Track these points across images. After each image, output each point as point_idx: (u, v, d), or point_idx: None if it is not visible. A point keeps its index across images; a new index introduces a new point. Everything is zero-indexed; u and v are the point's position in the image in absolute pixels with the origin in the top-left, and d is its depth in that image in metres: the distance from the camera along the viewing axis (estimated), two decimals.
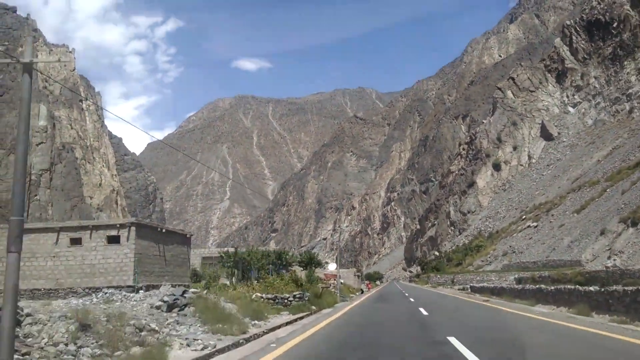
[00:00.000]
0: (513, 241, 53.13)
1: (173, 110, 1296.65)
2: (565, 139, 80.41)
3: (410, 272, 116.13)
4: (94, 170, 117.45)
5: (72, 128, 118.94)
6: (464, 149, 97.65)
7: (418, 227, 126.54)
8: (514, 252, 50.36)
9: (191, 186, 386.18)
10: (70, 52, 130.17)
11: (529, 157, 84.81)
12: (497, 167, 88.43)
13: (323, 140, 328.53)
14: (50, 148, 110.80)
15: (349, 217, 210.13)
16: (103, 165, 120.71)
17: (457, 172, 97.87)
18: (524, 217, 60.39)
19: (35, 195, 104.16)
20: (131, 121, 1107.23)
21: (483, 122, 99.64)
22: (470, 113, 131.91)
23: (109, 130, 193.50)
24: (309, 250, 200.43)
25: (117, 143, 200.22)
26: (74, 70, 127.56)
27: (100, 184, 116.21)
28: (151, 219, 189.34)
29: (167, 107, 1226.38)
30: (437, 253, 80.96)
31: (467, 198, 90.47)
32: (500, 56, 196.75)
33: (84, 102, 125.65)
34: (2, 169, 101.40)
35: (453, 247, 77.80)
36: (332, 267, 51.36)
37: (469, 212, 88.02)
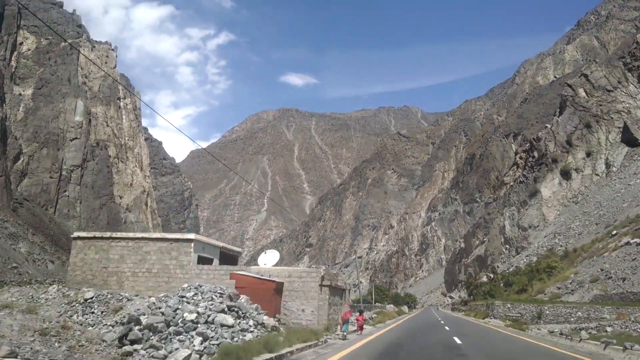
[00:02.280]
0: (605, 263, 40.57)
1: (219, 121, 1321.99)
2: None
3: (451, 297, 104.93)
4: (126, 170, 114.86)
5: (107, 125, 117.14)
6: (521, 158, 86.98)
7: (462, 245, 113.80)
8: (610, 277, 37.95)
9: (230, 196, 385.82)
10: (112, 49, 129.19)
11: (608, 165, 72.68)
12: (566, 175, 74.87)
13: (364, 157, 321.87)
14: (84, 144, 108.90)
15: (387, 236, 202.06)
16: (136, 165, 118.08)
17: (512, 183, 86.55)
18: (614, 232, 48.75)
19: (65, 191, 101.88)
20: (178, 130, 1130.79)
21: (546, 127, 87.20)
22: (523, 131, 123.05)
23: (147, 132, 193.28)
24: (342, 267, 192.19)
25: (156, 146, 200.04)
26: (114, 67, 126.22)
27: (131, 184, 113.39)
28: (185, 225, 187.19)
29: (214, 118, 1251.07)
30: (490, 275, 67.53)
31: (528, 210, 76.89)
32: (555, 77, 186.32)
33: (121, 100, 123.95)
34: (34, 162, 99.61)
35: (511, 269, 65.68)
36: (263, 260, 30.38)
37: (530, 227, 75.46)
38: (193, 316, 14.73)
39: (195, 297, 17.26)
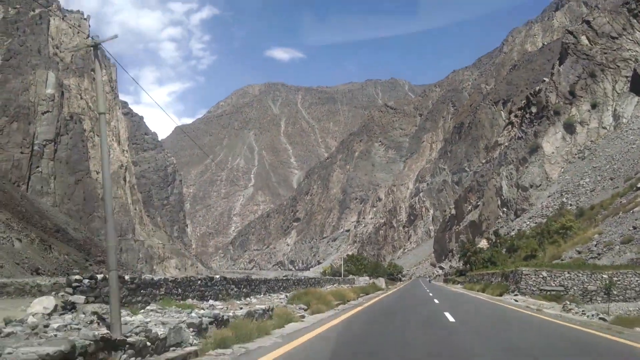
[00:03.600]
0: (638, 219, 35.05)
1: (205, 97, 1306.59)
2: None
3: (441, 267, 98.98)
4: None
5: (81, 98, 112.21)
6: (516, 116, 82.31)
7: (453, 212, 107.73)
8: None
9: (216, 172, 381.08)
10: (85, 19, 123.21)
11: (616, 117, 67.60)
12: (570, 128, 68.41)
13: (352, 130, 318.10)
14: (56, 118, 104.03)
15: (374, 209, 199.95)
16: (113, 139, 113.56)
17: (507, 143, 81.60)
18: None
19: (37, 167, 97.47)
20: (163, 106, 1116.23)
21: (544, 80, 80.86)
22: (512, 98, 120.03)
23: (127, 106, 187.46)
24: (330, 241, 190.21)
25: (137, 121, 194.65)
26: (87, 37, 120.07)
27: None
28: (168, 201, 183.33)
29: (199, 94, 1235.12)
30: (492, 238, 59.83)
31: (529, 168, 69.71)
32: (544, 44, 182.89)
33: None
34: (3, 137, 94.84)
35: (512, 233, 59.03)
36: None
37: (531, 187, 68.70)
38: None
39: None
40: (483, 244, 63.08)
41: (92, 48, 9.00)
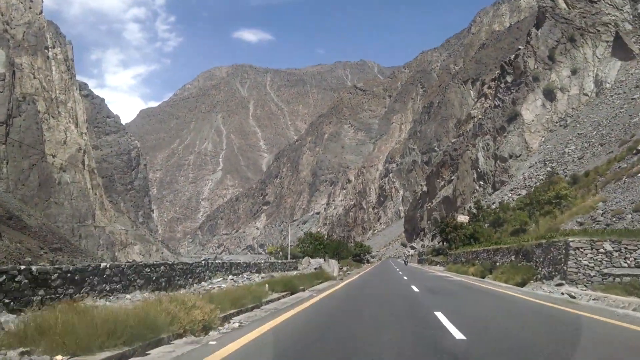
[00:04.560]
0: None
1: (171, 80, 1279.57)
2: None
3: (413, 247, 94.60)
4: (58, 126, 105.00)
5: (34, 78, 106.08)
6: (490, 87, 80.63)
7: (425, 189, 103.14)
8: None
9: (183, 156, 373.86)
10: None
11: (598, 83, 66.13)
12: (550, 95, 65.72)
13: (321, 112, 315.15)
14: (8, 99, 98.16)
15: (344, 191, 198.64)
16: (69, 121, 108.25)
17: (480, 116, 79.40)
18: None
19: None
20: (129, 90, 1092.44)
21: (519, 49, 77.74)
22: (481, 77, 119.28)
23: (86, 88, 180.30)
24: (300, 224, 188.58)
25: (98, 104, 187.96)
26: (40, 13, 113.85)
27: (64, 142, 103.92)
28: (132, 185, 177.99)
29: (166, 77, 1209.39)
30: (474, 210, 55.27)
31: (507, 137, 66.00)
32: (511, 24, 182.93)
33: (50, 50, 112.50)
34: None
35: (494, 206, 55.10)
36: None
37: (511, 157, 65.05)
38: None
39: None
40: (462, 218, 58.73)
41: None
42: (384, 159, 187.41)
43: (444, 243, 59.74)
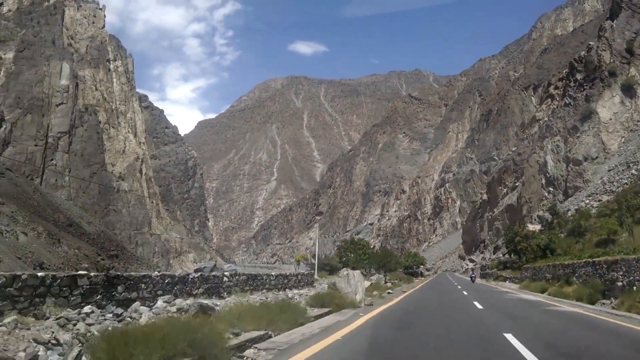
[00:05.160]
0: None
1: (229, 92, 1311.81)
2: None
3: (472, 260, 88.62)
4: (117, 136, 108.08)
5: (96, 89, 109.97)
6: (556, 88, 75.02)
7: (485, 197, 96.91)
8: None
9: (238, 166, 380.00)
10: (100, 9, 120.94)
11: None
12: (629, 91, 59.20)
13: (375, 122, 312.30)
14: (71, 110, 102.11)
15: (398, 202, 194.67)
16: (129, 131, 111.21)
17: (546, 118, 73.78)
18: None
19: (52, 160, 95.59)
20: (188, 103, 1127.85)
21: (590, 44, 70.41)
22: (543, 83, 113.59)
23: (147, 100, 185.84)
24: (354, 234, 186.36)
25: (158, 115, 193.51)
26: (103, 27, 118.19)
27: (123, 151, 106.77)
28: (189, 194, 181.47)
29: (223, 90, 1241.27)
30: (547, 218, 49.23)
31: (581, 138, 59.42)
32: (575, 28, 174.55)
33: (111, 62, 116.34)
34: (17, 129, 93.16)
35: (569, 214, 49.26)
36: None
37: (586, 160, 58.93)
38: None
39: None
40: (533, 227, 51.97)
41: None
42: (439, 169, 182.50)
43: (512, 255, 52.83)
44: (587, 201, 52.12)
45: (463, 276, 73.72)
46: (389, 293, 26.63)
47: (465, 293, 27.81)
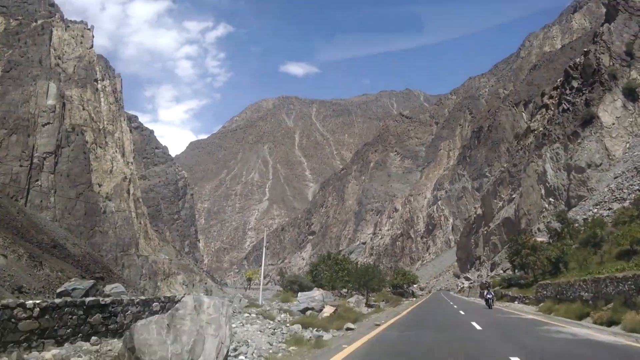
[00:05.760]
0: None
1: (221, 113, 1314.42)
2: None
3: (467, 278, 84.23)
4: (105, 156, 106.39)
5: (83, 109, 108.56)
6: (551, 97, 73.69)
7: (480, 211, 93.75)
8: None
9: (230, 186, 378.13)
10: (88, 29, 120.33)
11: None
12: (631, 94, 56.34)
13: (367, 141, 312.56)
14: (57, 129, 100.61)
15: (391, 220, 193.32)
16: (116, 151, 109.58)
17: (541, 128, 71.91)
18: None
19: (37, 181, 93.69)
20: (181, 124, 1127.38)
21: (585, 51, 68.62)
22: (534, 99, 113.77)
23: (137, 120, 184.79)
24: (347, 254, 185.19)
25: (147, 135, 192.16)
26: (91, 47, 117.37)
27: (111, 171, 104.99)
28: (179, 215, 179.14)
29: (215, 111, 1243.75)
30: (556, 227, 44.63)
31: (583, 144, 56.57)
32: (564, 45, 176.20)
33: (99, 82, 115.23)
34: (2, 150, 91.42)
35: (579, 224, 45.24)
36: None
37: (589, 167, 55.55)
38: None
39: None
40: (541, 239, 47.30)
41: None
42: (431, 187, 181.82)
43: (515, 271, 47.95)
44: (595, 210, 48.97)
45: (459, 296, 69.34)
46: (347, 330, 17.75)
47: (480, 328, 17.35)
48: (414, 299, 62.50)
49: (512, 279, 47.21)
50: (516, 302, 37.91)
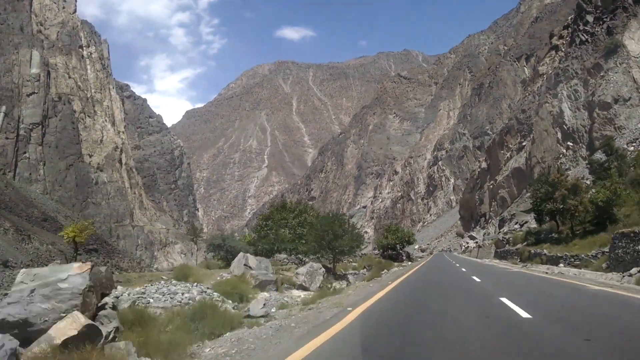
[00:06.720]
0: None
1: (216, 81, 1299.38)
2: None
3: (472, 237, 76.87)
4: (94, 125, 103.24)
5: (69, 77, 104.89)
6: (561, 37, 69.00)
7: (485, 164, 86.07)
8: None
9: (228, 154, 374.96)
10: None
11: None
12: None
13: (365, 104, 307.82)
14: (43, 99, 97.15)
15: (391, 183, 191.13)
16: (106, 120, 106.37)
17: (550, 71, 66.56)
18: None
19: (24, 153, 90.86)
20: (177, 94, 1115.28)
21: None
22: (536, 52, 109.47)
23: (129, 89, 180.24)
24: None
25: (140, 104, 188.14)
26: (74, 12, 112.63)
27: (101, 141, 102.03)
28: (176, 185, 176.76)
29: (211, 78, 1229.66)
30: (601, 158, 37.12)
31: (607, 77, 49.31)
32: None
33: (84, 49, 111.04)
34: None
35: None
36: None
37: (617, 101, 48.88)
38: None
39: None
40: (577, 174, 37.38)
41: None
42: (432, 148, 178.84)
43: (541, 223, 36.87)
44: (632, 149, 42.19)
45: (465, 256, 61.82)
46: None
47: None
48: (410, 263, 49.72)
49: (542, 233, 36.20)
50: (562, 265, 25.73)
